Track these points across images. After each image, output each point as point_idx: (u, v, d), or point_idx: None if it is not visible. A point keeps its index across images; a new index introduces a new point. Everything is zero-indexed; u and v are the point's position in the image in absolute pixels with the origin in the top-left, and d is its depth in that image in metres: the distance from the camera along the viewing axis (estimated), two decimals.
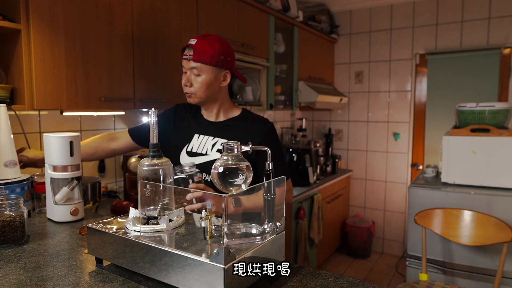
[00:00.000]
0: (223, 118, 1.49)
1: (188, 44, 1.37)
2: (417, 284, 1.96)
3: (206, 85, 1.39)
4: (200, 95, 1.41)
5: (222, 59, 1.38)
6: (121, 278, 0.90)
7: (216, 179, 0.85)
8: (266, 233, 0.89)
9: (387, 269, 3.57)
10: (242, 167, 0.83)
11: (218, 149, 1.41)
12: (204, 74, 1.38)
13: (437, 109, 3.59)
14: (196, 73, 1.37)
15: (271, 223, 0.90)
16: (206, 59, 1.35)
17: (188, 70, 1.39)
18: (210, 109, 1.49)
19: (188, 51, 1.37)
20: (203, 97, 1.42)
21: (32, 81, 1.47)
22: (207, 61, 1.36)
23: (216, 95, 1.44)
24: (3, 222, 1.15)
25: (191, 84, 1.40)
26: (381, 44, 3.81)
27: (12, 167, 1.40)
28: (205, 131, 1.47)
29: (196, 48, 1.35)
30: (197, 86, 1.39)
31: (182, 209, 1.00)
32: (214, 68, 1.38)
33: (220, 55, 1.37)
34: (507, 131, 2.25)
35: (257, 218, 0.93)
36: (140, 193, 0.94)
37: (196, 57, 1.35)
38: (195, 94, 1.41)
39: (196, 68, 1.36)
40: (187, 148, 1.47)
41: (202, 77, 1.38)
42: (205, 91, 1.40)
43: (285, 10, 3.01)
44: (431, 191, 2.36)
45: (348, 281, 0.90)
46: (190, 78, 1.40)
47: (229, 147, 0.85)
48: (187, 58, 1.37)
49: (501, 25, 3.24)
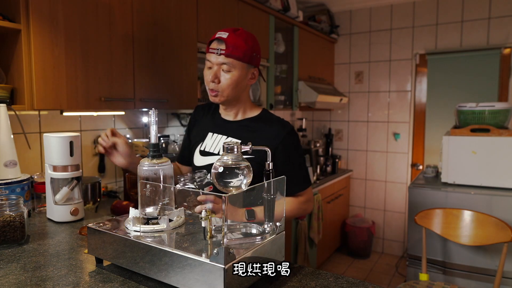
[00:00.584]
0: (241, 117, 1.39)
1: (218, 37, 1.25)
2: (417, 284, 1.96)
3: (236, 83, 1.28)
4: (228, 93, 1.29)
5: (254, 56, 1.29)
6: (121, 278, 0.90)
7: (216, 179, 0.85)
8: (266, 233, 0.89)
9: (387, 269, 3.57)
10: (241, 167, 0.83)
11: None
12: (235, 71, 1.26)
13: (437, 109, 3.59)
14: (227, 69, 1.25)
15: (271, 223, 0.90)
16: (239, 55, 1.24)
17: (216, 65, 1.26)
18: (230, 108, 1.38)
19: (217, 44, 1.25)
20: (230, 96, 1.31)
21: (32, 81, 1.47)
22: (240, 57, 1.24)
23: (241, 94, 1.34)
24: (3, 222, 1.15)
25: (219, 80, 1.27)
26: (381, 44, 3.80)
27: (12, 167, 1.40)
28: (219, 130, 1.39)
29: (229, 42, 1.23)
30: (226, 84, 1.27)
31: (182, 209, 1.00)
32: (245, 64, 1.27)
33: (252, 51, 1.28)
34: (507, 131, 2.25)
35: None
36: (140, 193, 0.94)
37: (229, 52, 1.23)
38: (221, 92, 1.29)
39: (227, 63, 1.24)
40: (200, 147, 1.40)
41: (233, 74, 1.26)
42: (233, 89, 1.29)
43: (285, 10, 3.01)
44: (431, 191, 2.36)
45: (348, 281, 0.90)
46: (218, 74, 1.27)
47: (229, 147, 0.85)
48: (217, 52, 1.24)
49: (501, 25, 3.24)
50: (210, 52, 1.27)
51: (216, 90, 1.28)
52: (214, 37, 1.26)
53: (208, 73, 1.29)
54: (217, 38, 1.25)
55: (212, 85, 1.28)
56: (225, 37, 1.23)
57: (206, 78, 1.30)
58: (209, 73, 1.28)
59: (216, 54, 1.25)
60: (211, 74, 1.27)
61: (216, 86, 1.28)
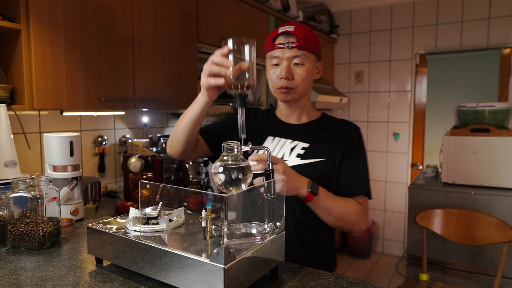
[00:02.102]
0: (305, 120, 1.31)
1: (284, 31, 1.19)
2: (417, 284, 1.95)
3: (309, 76, 1.20)
4: (302, 89, 1.21)
5: (320, 47, 1.24)
6: (121, 278, 0.90)
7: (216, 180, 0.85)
8: (266, 233, 0.89)
9: (387, 269, 3.57)
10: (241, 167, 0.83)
11: (298, 153, 1.22)
12: (307, 64, 1.19)
13: (437, 109, 3.59)
14: (300, 62, 1.18)
15: (271, 223, 0.90)
16: (311, 46, 1.18)
17: (286, 60, 1.18)
18: (294, 108, 1.29)
19: (286, 38, 1.18)
20: (303, 92, 1.22)
21: (32, 81, 1.47)
22: (311, 48, 1.18)
23: (308, 90, 1.26)
24: (3, 222, 1.15)
25: (293, 76, 1.18)
26: (381, 44, 3.80)
27: (12, 167, 1.40)
28: (281, 133, 1.29)
29: (299, 34, 1.16)
30: (300, 78, 1.18)
31: (182, 209, 1.00)
32: (314, 57, 1.21)
33: (319, 43, 1.22)
34: (507, 131, 2.25)
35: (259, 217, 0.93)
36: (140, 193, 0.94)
37: (302, 44, 1.16)
38: (295, 89, 1.20)
39: (300, 56, 1.17)
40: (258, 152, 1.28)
41: (306, 67, 1.19)
42: (307, 84, 1.21)
43: (285, 10, 3.01)
44: (431, 191, 2.36)
45: (348, 281, 0.90)
46: (291, 68, 1.18)
47: (229, 147, 0.85)
48: (287, 46, 1.16)
49: (501, 25, 3.24)
50: (277, 48, 1.19)
51: (290, 87, 1.19)
52: (278, 33, 1.20)
53: (276, 70, 1.20)
54: (282, 33, 1.19)
55: (285, 82, 1.18)
56: (292, 30, 1.17)
57: (275, 76, 1.20)
58: (278, 70, 1.19)
59: (287, 48, 1.17)
60: (283, 70, 1.17)
61: (290, 82, 1.18)
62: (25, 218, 1.09)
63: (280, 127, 1.30)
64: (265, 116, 1.36)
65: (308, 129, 1.27)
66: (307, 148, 1.23)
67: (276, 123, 1.32)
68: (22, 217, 1.09)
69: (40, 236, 1.09)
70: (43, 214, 1.11)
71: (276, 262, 0.89)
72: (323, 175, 1.19)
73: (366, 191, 1.22)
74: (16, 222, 1.09)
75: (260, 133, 1.31)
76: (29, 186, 1.11)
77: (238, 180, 0.82)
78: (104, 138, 2.15)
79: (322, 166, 1.20)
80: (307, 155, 1.22)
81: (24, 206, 1.10)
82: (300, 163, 1.21)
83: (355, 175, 1.22)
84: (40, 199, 1.10)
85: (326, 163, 1.21)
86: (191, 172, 2.06)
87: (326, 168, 1.21)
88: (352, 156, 1.22)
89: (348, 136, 1.24)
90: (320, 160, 1.21)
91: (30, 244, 1.09)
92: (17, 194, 1.09)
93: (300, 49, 1.17)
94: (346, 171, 1.22)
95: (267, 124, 1.34)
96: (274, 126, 1.31)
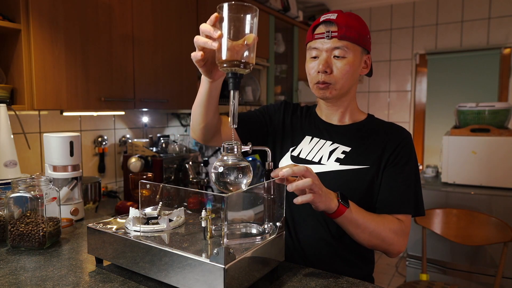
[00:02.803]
0: (348, 121, 1.16)
1: (325, 19, 1.05)
2: (417, 284, 1.95)
3: (352, 71, 1.06)
4: (342, 85, 1.07)
5: (368, 38, 1.09)
6: (121, 278, 0.90)
7: (215, 180, 0.84)
8: (266, 233, 0.89)
9: (387, 269, 3.57)
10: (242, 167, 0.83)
11: (337, 158, 1.09)
12: (350, 56, 1.05)
13: (437, 109, 3.59)
14: (341, 54, 1.04)
15: (271, 223, 0.90)
16: (355, 36, 1.04)
17: (325, 52, 1.05)
18: (336, 107, 1.15)
19: (326, 27, 1.05)
20: (344, 88, 1.08)
21: (32, 81, 1.47)
22: (356, 38, 1.04)
23: (352, 87, 1.12)
24: (3, 222, 1.15)
25: (331, 70, 1.05)
26: (381, 44, 3.80)
27: (12, 167, 1.40)
28: (321, 134, 1.15)
29: (341, 23, 1.03)
30: (341, 72, 1.05)
31: (182, 209, 1.00)
32: (360, 48, 1.07)
33: (366, 32, 1.08)
34: (507, 131, 2.25)
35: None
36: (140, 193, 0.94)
37: (344, 33, 1.02)
38: (334, 85, 1.06)
39: (341, 47, 1.04)
40: (293, 151, 1.16)
41: (348, 60, 1.05)
42: (348, 79, 1.07)
43: (285, 10, 3.01)
44: (431, 191, 2.36)
45: (348, 281, 0.90)
46: (330, 62, 1.05)
47: (229, 147, 0.84)
48: (327, 36, 1.04)
49: (501, 25, 3.24)
50: (316, 38, 1.06)
51: (328, 82, 1.06)
52: (319, 21, 1.07)
53: (315, 63, 1.07)
54: (324, 21, 1.06)
55: (323, 76, 1.05)
56: (334, 18, 1.04)
57: (313, 70, 1.08)
58: (316, 63, 1.07)
59: (325, 39, 1.04)
60: (321, 63, 1.05)
61: (328, 77, 1.05)
62: (25, 218, 1.09)
63: (320, 126, 1.17)
64: (305, 113, 1.23)
65: (350, 132, 1.13)
66: (348, 152, 1.09)
67: (315, 122, 1.19)
68: (22, 217, 1.10)
69: (40, 236, 1.09)
70: (43, 214, 1.11)
71: (276, 262, 0.89)
72: (365, 185, 1.05)
73: (409, 209, 1.04)
74: (16, 222, 1.09)
75: (298, 132, 1.19)
76: (29, 186, 1.11)
77: (238, 180, 0.82)
78: (104, 138, 2.15)
79: (363, 174, 1.06)
80: (348, 160, 1.08)
81: (24, 206, 1.10)
82: (339, 168, 1.07)
83: (397, 188, 1.05)
84: (40, 199, 1.10)
85: (368, 172, 1.06)
86: (191, 172, 2.06)
87: (369, 177, 1.06)
88: (397, 165, 1.06)
89: (395, 142, 1.08)
90: (362, 168, 1.06)
91: (30, 244, 1.09)
92: (17, 194, 1.09)
93: (342, 39, 1.03)
94: (387, 183, 1.06)
95: (306, 122, 1.20)
96: (313, 125, 1.18)
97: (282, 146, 1.18)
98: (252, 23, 0.76)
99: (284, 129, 1.20)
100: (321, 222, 1.08)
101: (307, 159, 1.12)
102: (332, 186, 0.97)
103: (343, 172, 1.07)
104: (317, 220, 1.08)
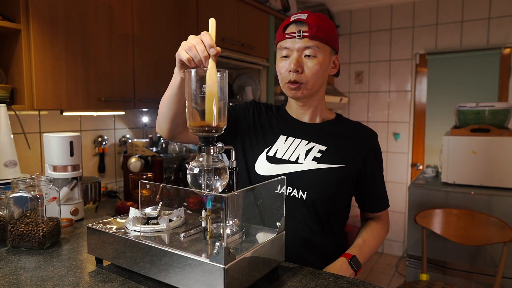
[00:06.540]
0: (319, 119, 1.20)
1: (296, 19, 1.07)
2: (417, 284, 1.95)
3: (322, 70, 1.09)
4: (313, 85, 1.09)
5: (336, 38, 1.12)
6: (121, 278, 0.90)
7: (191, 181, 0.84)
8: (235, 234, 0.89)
9: (387, 269, 3.57)
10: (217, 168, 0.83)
11: (314, 156, 1.12)
12: (320, 56, 1.07)
13: (437, 109, 3.59)
14: (312, 54, 1.06)
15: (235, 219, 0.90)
16: (325, 36, 1.06)
17: (296, 52, 1.07)
18: (307, 107, 1.18)
19: (297, 27, 1.07)
20: (314, 88, 1.11)
21: (32, 81, 1.47)
22: (326, 38, 1.06)
23: (322, 87, 1.15)
24: (3, 222, 1.15)
25: (303, 69, 1.07)
26: (381, 44, 3.80)
27: (12, 167, 1.40)
28: (295, 134, 1.17)
29: (311, 23, 1.05)
30: (311, 72, 1.07)
31: (182, 209, 1.00)
32: (329, 49, 1.09)
33: (335, 33, 1.10)
34: (507, 131, 2.25)
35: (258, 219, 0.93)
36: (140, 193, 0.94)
37: (314, 33, 1.04)
38: (305, 84, 1.09)
39: (312, 47, 1.06)
40: (268, 152, 1.15)
41: (318, 60, 1.07)
42: (318, 79, 1.09)
43: (285, 10, 3.01)
44: (431, 191, 2.36)
45: (348, 281, 0.90)
46: (301, 61, 1.07)
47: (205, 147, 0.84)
48: (298, 36, 1.05)
49: (501, 25, 3.24)
50: (287, 37, 1.08)
51: (299, 82, 1.08)
52: (289, 21, 1.09)
53: (286, 63, 1.09)
54: (294, 21, 1.08)
55: (294, 76, 1.07)
56: (305, 18, 1.06)
57: (284, 69, 1.10)
58: (287, 62, 1.09)
59: (296, 38, 1.06)
60: (292, 62, 1.07)
61: (299, 76, 1.07)
62: (25, 218, 1.09)
63: (293, 126, 1.19)
64: (275, 113, 1.24)
65: (323, 131, 1.17)
66: (324, 151, 1.13)
67: (288, 121, 1.20)
68: (22, 217, 1.09)
69: (40, 236, 1.09)
70: (43, 214, 1.11)
71: (276, 262, 0.89)
72: (339, 182, 1.13)
73: (387, 204, 1.24)
74: (16, 222, 1.09)
75: (271, 131, 1.19)
76: (29, 186, 1.11)
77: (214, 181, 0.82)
78: (104, 138, 2.15)
79: (339, 173, 1.12)
80: (325, 159, 1.12)
81: (24, 206, 1.10)
82: (317, 167, 1.11)
83: (380, 190, 1.22)
84: (40, 199, 1.10)
85: (343, 171, 1.12)
86: None
87: (343, 175, 1.13)
88: (375, 170, 1.19)
89: (367, 145, 1.17)
90: (338, 167, 1.12)
91: (30, 244, 1.09)
92: (17, 194, 1.09)
93: (312, 39, 1.05)
94: (372, 188, 1.20)
95: (278, 122, 1.21)
96: (286, 124, 1.20)
97: (255, 147, 1.18)
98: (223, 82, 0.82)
99: (255, 129, 1.20)
100: (301, 221, 1.12)
101: (283, 159, 1.13)
102: (310, 184, 1.08)
103: (320, 171, 1.11)
104: (297, 220, 1.12)
